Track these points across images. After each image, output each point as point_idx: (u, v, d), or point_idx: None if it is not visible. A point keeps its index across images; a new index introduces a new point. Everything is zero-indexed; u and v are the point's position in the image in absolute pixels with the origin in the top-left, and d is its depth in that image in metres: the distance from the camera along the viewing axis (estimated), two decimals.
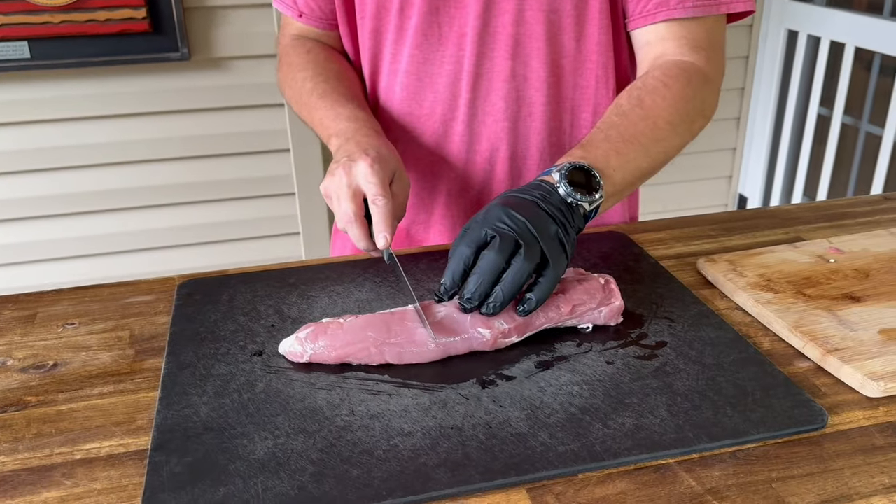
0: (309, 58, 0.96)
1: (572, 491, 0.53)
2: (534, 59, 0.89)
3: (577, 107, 0.94)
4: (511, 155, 0.94)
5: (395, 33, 0.91)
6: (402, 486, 0.53)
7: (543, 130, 0.93)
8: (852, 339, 0.68)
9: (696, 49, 0.86)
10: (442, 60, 0.91)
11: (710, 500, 0.52)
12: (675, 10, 0.85)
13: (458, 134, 0.93)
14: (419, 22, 0.89)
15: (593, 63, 0.91)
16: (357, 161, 0.76)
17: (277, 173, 2.22)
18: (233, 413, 0.61)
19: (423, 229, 1.00)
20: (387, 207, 0.74)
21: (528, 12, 0.87)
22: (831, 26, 2.44)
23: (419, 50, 0.90)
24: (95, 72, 1.98)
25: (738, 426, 0.59)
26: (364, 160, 0.76)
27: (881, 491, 0.53)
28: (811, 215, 0.98)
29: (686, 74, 0.84)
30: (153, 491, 0.53)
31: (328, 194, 0.78)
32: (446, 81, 0.91)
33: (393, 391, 0.63)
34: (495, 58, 0.89)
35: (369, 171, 0.75)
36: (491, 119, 0.92)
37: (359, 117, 0.86)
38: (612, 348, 0.69)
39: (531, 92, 0.91)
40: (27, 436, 0.60)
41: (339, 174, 0.76)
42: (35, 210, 2.10)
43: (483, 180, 0.96)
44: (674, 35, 0.86)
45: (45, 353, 0.71)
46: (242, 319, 0.74)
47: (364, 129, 0.83)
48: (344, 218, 0.76)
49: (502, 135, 0.93)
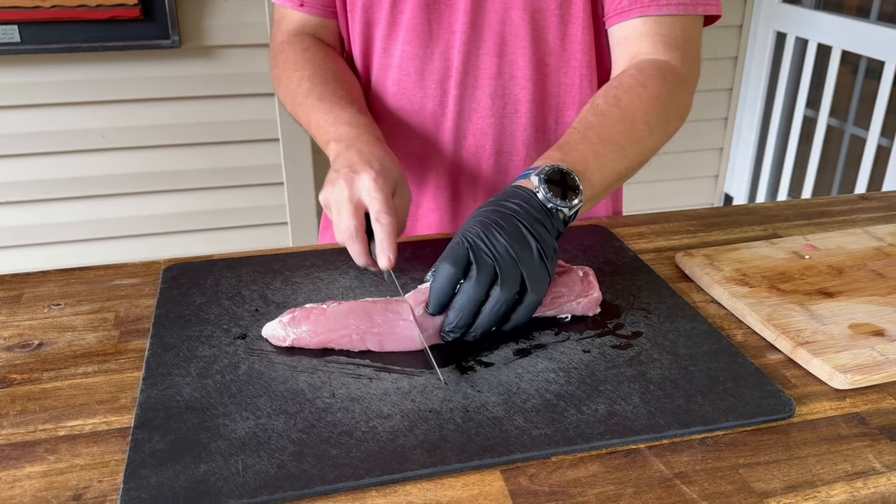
0: (306, 56, 0.93)
1: (545, 473, 0.55)
2: (519, 57, 0.91)
3: (561, 104, 0.95)
4: (497, 150, 0.95)
5: (387, 28, 0.92)
6: (379, 465, 0.54)
7: (529, 127, 0.95)
8: (823, 332, 0.70)
9: (672, 48, 0.86)
10: (432, 56, 0.91)
11: (678, 484, 0.54)
12: (650, 8, 0.85)
13: (448, 130, 0.94)
14: (411, 17, 0.89)
15: (577, 62, 0.92)
16: (360, 173, 0.72)
17: (266, 163, 2.22)
18: (215, 393, 0.62)
19: (410, 222, 1.01)
20: (391, 226, 0.70)
21: (514, 11, 0.88)
22: (819, 29, 2.47)
23: (410, 46, 0.91)
24: (85, 57, 1.98)
25: (708, 414, 0.60)
26: (367, 173, 0.72)
27: (843, 478, 0.55)
28: (790, 213, 1.00)
29: (661, 73, 0.84)
30: (135, 467, 0.54)
31: (328, 205, 0.74)
32: (436, 78, 0.92)
33: (373, 375, 0.65)
34: (482, 55, 0.91)
35: (373, 186, 0.71)
36: (477, 116, 0.93)
37: (360, 123, 0.82)
38: (589, 337, 0.70)
39: (517, 90, 0.93)
40: (11, 412, 0.61)
41: (341, 186, 0.72)
42: (21, 195, 2.09)
43: (470, 175, 0.97)
44: (649, 32, 0.86)
45: (30, 332, 0.72)
46: (227, 303, 0.75)
47: (365, 136, 0.79)
48: (345, 233, 0.72)
49: (488, 131, 0.94)
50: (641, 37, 0.87)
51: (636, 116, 0.80)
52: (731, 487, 0.54)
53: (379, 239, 0.71)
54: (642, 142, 0.81)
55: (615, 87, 0.83)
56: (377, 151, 0.77)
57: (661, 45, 0.86)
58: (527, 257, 0.65)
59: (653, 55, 0.86)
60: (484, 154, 0.95)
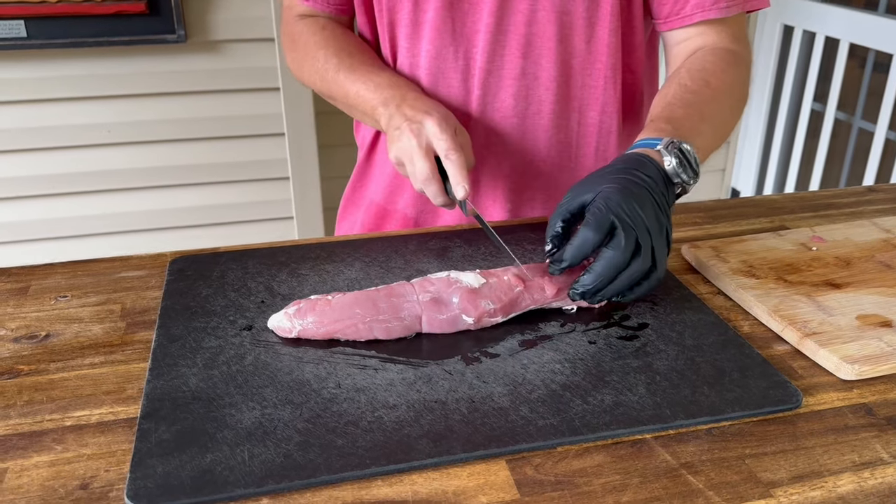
0: (325, 34, 0.94)
1: (551, 463, 0.55)
2: (544, 58, 0.90)
3: (584, 106, 0.94)
4: (519, 150, 0.95)
5: (410, 27, 0.91)
6: (385, 455, 0.54)
7: (551, 128, 0.94)
8: (830, 323, 0.70)
9: (735, 40, 0.90)
10: (455, 56, 0.91)
11: (683, 474, 0.54)
12: (711, 11, 0.88)
13: (470, 129, 0.94)
14: (434, 17, 0.89)
15: (602, 64, 0.92)
16: (423, 122, 0.78)
17: (272, 157, 2.22)
18: (221, 384, 0.62)
19: (430, 218, 1.01)
20: (461, 160, 0.77)
21: (541, 12, 0.87)
22: (827, 22, 2.46)
23: (433, 45, 0.90)
24: (91, 52, 1.98)
25: (715, 404, 0.60)
26: (430, 119, 0.78)
27: (850, 468, 0.55)
28: (796, 205, 0.99)
29: (735, 61, 0.88)
30: (142, 456, 0.54)
31: (399, 161, 0.80)
32: (459, 77, 0.92)
33: (379, 366, 0.65)
34: (506, 56, 0.90)
35: (438, 130, 0.77)
36: (500, 116, 0.93)
37: (400, 83, 0.87)
38: (595, 329, 0.70)
39: (540, 90, 0.92)
40: (19, 402, 0.61)
41: (407, 137, 0.78)
42: (27, 189, 2.10)
43: (491, 175, 0.97)
44: (714, 30, 0.89)
45: (37, 324, 0.72)
46: (233, 295, 0.75)
47: (412, 92, 0.85)
48: (421, 177, 0.78)
49: (511, 131, 0.93)
50: (706, 34, 0.90)
51: (723, 99, 0.83)
52: (738, 477, 0.54)
53: (452, 173, 0.76)
54: (727, 124, 0.84)
55: (699, 70, 0.85)
56: (429, 101, 0.83)
57: (727, 39, 0.89)
58: (658, 233, 0.67)
59: (723, 45, 0.89)
60: (506, 154, 0.95)
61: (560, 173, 0.96)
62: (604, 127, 0.95)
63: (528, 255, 0.84)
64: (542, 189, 0.96)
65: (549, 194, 0.97)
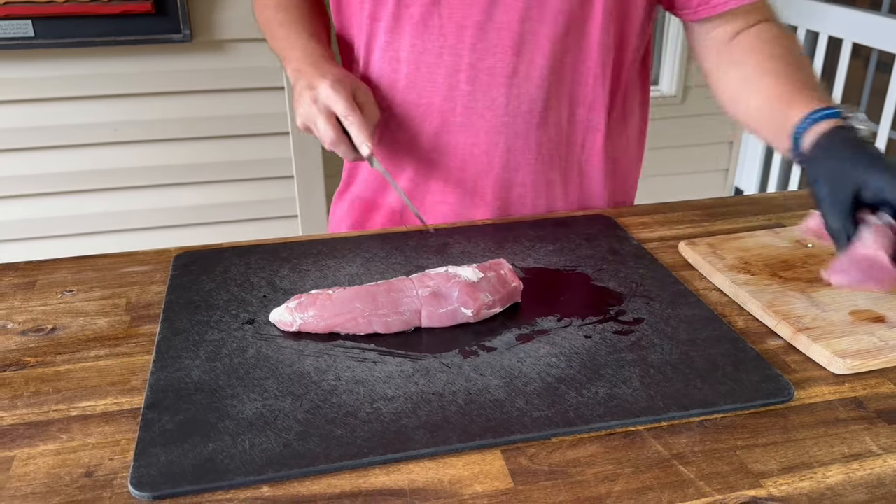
0: None
1: (545, 453, 0.56)
2: (537, 56, 0.90)
3: (573, 104, 0.95)
4: (508, 148, 0.95)
5: (392, 21, 0.91)
6: (383, 444, 0.56)
7: (541, 126, 0.94)
8: (823, 319, 0.71)
9: (773, 17, 0.93)
10: (441, 52, 0.91)
11: (675, 465, 0.55)
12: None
13: (456, 126, 0.94)
14: (420, 11, 0.89)
15: (593, 62, 0.92)
16: (317, 87, 0.84)
17: (276, 156, 2.24)
18: (223, 376, 0.63)
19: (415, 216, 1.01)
20: (359, 120, 0.83)
21: (535, 10, 0.88)
22: (830, 22, 2.46)
23: (420, 39, 0.90)
24: (98, 52, 2.00)
25: (707, 397, 0.61)
26: (323, 83, 0.84)
27: (840, 460, 0.56)
28: (793, 203, 1.00)
29: (782, 30, 0.91)
30: (145, 445, 0.56)
31: (306, 125, 0.86)
32: (444, 73, 0.91)
33: (378, 359, 0.66)
34: (497, 53, 0.90)
35: (331, 93, 0.83)
36: (490, 114, 0.92)
37: (312, 50, 0.93)
38: (591, 323, 0.71)
39: (531, 88, 0.92)
40: (25, 393, 0.62)
41: (307, 103, 0.85)
42: (34, 188, 2.12)
43: (478, 172, 0.97)
44: (750, 10, 0.92)
45: (43, 317, 0.73)
46: (236, 290, 0.77)
47: (314, 58, 0.91)
48: (327, 140, 0.85)
49: (500, 129, 0.93)
50: (747, 14, 0.92)
51: (809, 70, 0.87)
52: (729, 468, 0.55)
53: (353, 134, 0.84)
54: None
55: (781, 46, 0.89)
56: (326, 66, 0.89)
57: (768, 17, 0.93)
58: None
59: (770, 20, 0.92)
60: (495, 151, 0.95)
61: (549, 170, 0.97)
62: (591, 124, 0.96)
63: (527, 252, 0.85)
64: (531, 185, 0.97)
65: (537, 191, 0.98)
